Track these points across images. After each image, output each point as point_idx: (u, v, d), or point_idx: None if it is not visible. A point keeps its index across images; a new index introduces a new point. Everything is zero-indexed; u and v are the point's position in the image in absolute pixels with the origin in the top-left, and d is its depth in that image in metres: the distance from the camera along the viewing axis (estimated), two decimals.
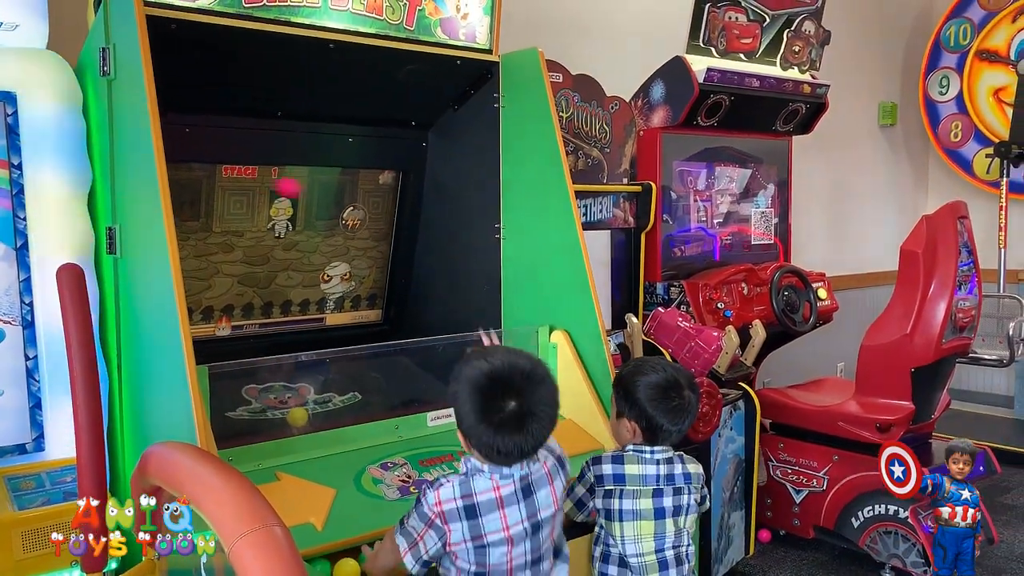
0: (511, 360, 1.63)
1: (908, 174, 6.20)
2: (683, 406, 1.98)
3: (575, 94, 3.33)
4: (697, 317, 3.49)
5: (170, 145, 1.86)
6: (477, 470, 1.64)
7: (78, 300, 1.43)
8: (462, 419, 1.63)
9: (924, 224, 3.21)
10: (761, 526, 3.61)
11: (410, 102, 2.75)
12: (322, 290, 2.93)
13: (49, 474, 1.85)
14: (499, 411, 1.57)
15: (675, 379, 1.99)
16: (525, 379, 1.61)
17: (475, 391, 1.60)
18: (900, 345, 3.19)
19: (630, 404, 1.99)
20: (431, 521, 1.61)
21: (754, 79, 3.73)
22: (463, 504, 1.60)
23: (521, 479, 1.65)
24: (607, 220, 3.49)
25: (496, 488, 1.62)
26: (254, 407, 2.38)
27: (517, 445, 1.59)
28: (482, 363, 1.62)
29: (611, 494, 1.95)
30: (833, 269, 4.64)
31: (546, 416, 1.62)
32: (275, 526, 1.20)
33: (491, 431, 1.57)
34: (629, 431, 2.01)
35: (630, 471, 1.96)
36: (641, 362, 2.13)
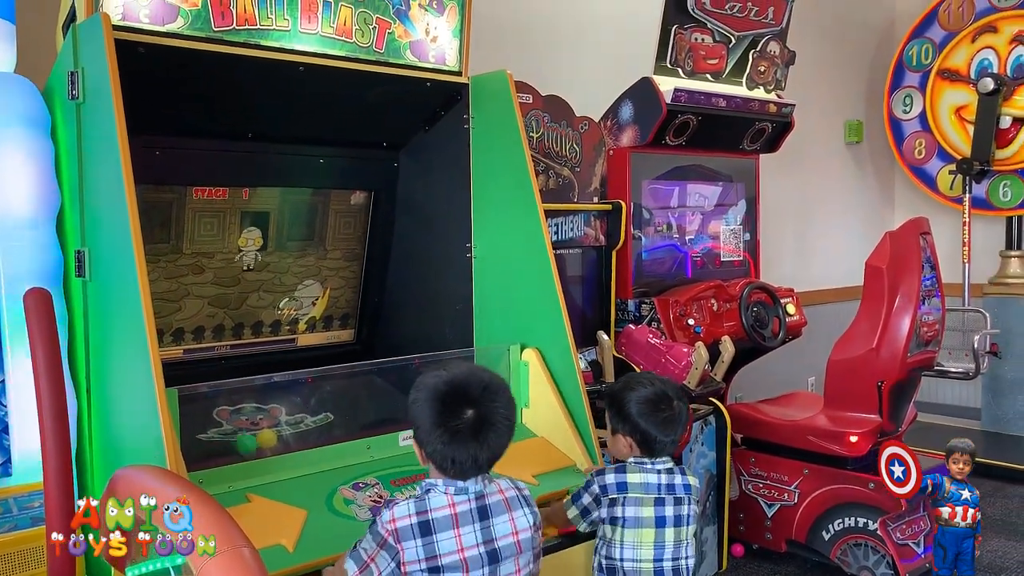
0: (470, 371, 1.69)
1: (875, 190, 6.31)
2: (673, 416, 2.05)
3: (545, 114, 3.37)
4: (668, 333, 3.53)
5: (140, 167, 1.87)
6: (432, 486, 1.64)
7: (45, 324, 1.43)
8: (418, 427, 1.64)
9: (888, 240, 3.28)
10: (734, 541, 3.63)
11: (381, 123, 2.77)
12: (292, 309, 2.93)
13: (16, 499, 1.83)
14: (456, 419, 1.58)
15: (663, 391, 2.07)
16: (483, 389, 1.63)
17: (434, 399, 1.61)
18: (867, 359, 3.24)
19: (623, 420, 2.07)
20: (384, 541, 1.57)
21: (721, 99, 3.79)
22: (418, 520, 1.58)
23: (477, 497, 1.63)
24: (578, 238, 3.53)
25: (451, 505, 1.61)
26: (225, 429, 2.38)
27: (472, 455, 1.59)
28: (442, 372, 1.66)
29: (615, 502, 2.00)
30: (802, 284, 4.71)
31: (503, 427, 1.63)
32: (244, 547, 1.21)
33: (446, 438, 1.58)
34: (626, 446, 2.08)
35: (632, 479, 2.02)
36: (629, 378, 2.18)
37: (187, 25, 2.11)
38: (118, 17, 2.00)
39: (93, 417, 1.98)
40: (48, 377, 1.42)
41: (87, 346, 1.98)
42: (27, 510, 1.78)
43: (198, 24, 2.13)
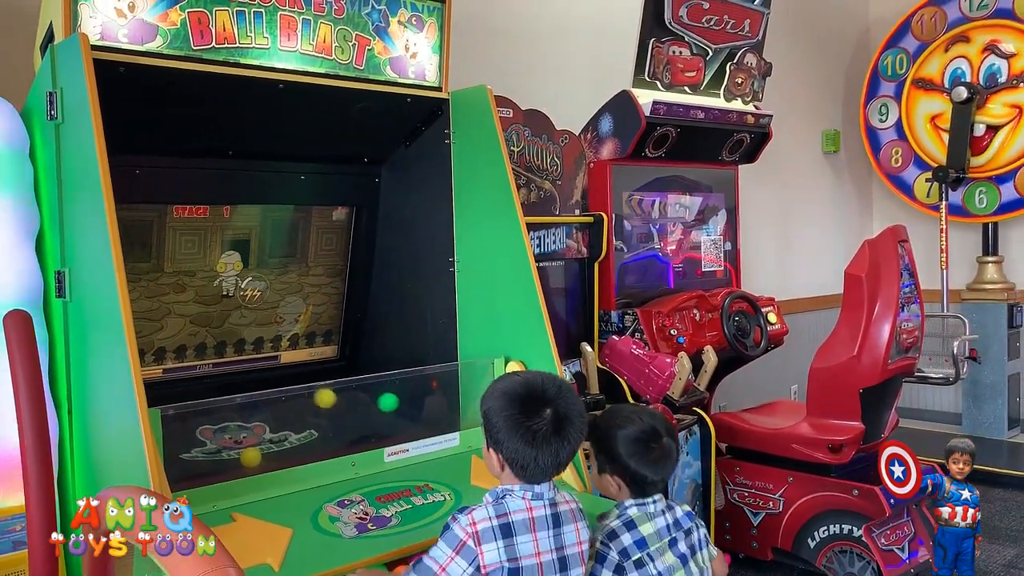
0: (541, 374, 1.73)
1: (853, 199, 6.37)
2: (664, 455, 1.93)
3: (526, 128, 3.39)
4: (651, 344, 3.55)
5: (120, 187, 1.87)
6: (508, 491, 1.65)
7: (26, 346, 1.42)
8: (498, 431, 1.64)
9: (866, 248, 3.31)
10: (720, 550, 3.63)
11: (362, 139, 2.77)
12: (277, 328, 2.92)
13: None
14: (537, 418, 1.61)
15: (652, 427, 1.94)
16: (557, 388, 1.67)
17: (512, 402, 1.63)
18: (848, 367, 3.27)
19: (611, 460, 1.93)
20: (462, 544, 1.56)
21: (699, 111, 3.83)
22: (499, 523, 1.58)
23: (551, 504, 1.66)
24: (561, 251, 3.54)
25: (529, 509, 1.63)
26: (208, 448, 2.36)
27: (554, 452, 1.61)
28: (515, 377, 1.70)
29: (642, 563, 1.84)
30: (782, 293, 4.75)
31: (580, 422, 1.67)
32: (230, 567, 1.20)
33: (529, 438, 1.60)
34: (614, 485, 1.95)
35: (646, 531, 1.87)
36: (614, 414, 2.04)
37: (166, 44, 2.11)
38: (96, 37, 1.99)
39: (75, 438, 1.96)
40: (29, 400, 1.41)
41: (68, 367, 1.97)
42: (8, 534, 1.76)
43: (177, 43, 2.13)
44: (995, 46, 5.44)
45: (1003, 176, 5.45)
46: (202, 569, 1.18)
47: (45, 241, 2.02)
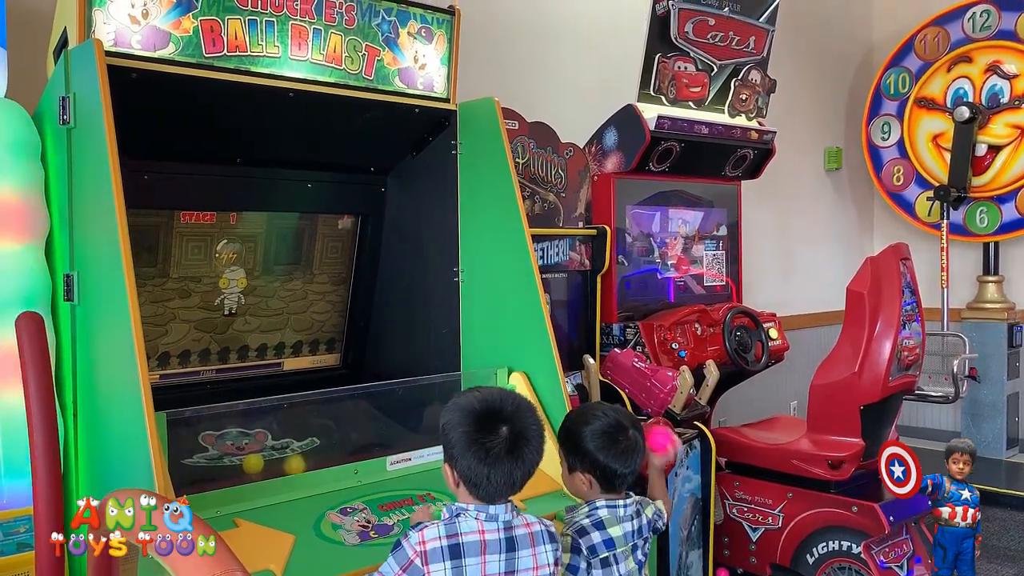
0: (500, 391, 1.71)
1: (854, 216, 6.39)
2: (631, 446, 1.98)
3: (531, 141, 3.41)
4: (652, 357, 3.56)
5: (128, 192, 1.87)
6: (462, 510, 1.64)
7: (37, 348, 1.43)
8: (452, 447, 1.63)
9: (868, 265, 3.32)
10: (719, 565, 3.63)
11: (369, 149, 2.79)
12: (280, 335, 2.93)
13: (2, 525, 1.82)
14: (493, 435, 1.60)
15: (618, 421, 1.99)
16: (515, 407, 1.66)
17: (468, 418, 1.63)
18: (848, 383, 3.27)
19: (580, 456, 1.98)
20: (409, 563, 1.57)
21: (703, 126, 3.85)
22: (448, 544, 1.58)
23: (506, 527, 1.64)
24: (563, 263, 3.55)
25: (481, 531, 1.61)
26: (211, 454, 2.37)
27: (507, 472, 1.60)
28: (474, 393, 1.68)
29: (608, 561, 1.92)
30: (783, 309, 4.75)
31: (536, 443, 1.66)
32: (237, 571, 1.21)
33: (482, 455, 1.59)
34: (585, 483, 1.99)
35: (614, 533, 1.94)
36: (580, 412, 2.10)
37: (178, 51, 2.13)
38: (110, 43, 2.01)
39: (80, 441, 1.97)
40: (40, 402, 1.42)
41: (74, 370, 1.98)
42: (13, 535, 1.77)
43: (189, 50, 2.15)
44: (998, 67, 5.48)
45: (1004, 196, 5.47)
46: (210, 573, 1.19)
47: (54, 244, 2.03)
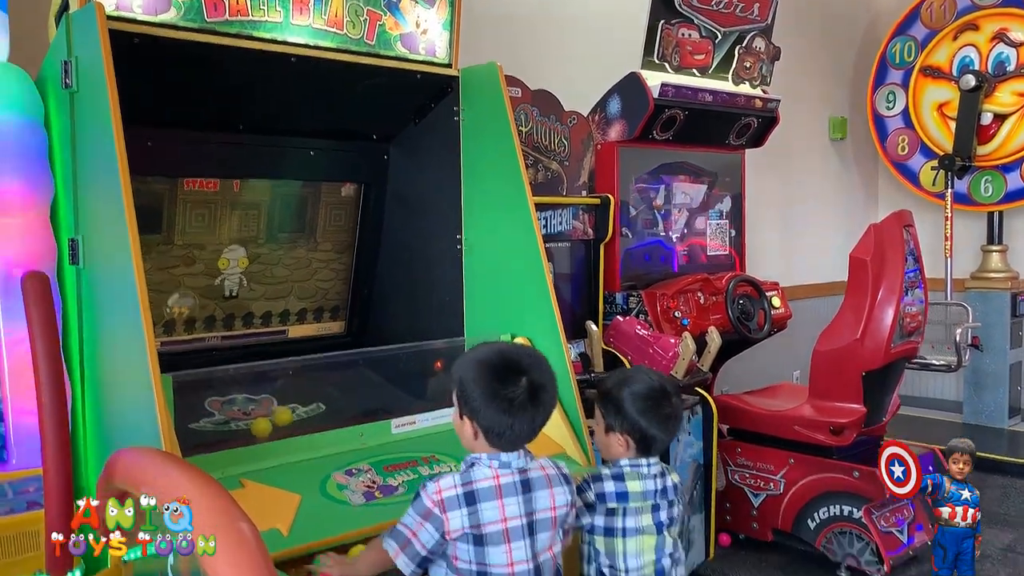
0: (512, 344, 1.80)
1: (858, 186, 6.37)
2: (674, 413, 1.98)
3: (534, 108, 3.40)
4: (655, 325, 3.57)
5: (131, 158, 1.88)
6: (476, 459, 1.68)
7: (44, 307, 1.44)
8: (472, 400, 1.65)
9: (872, 232, 3.33)
10: (721, 530, 3.67)
11: (372, 116, 2.79)
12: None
13: (12, 484, 1.84)
14: (513, 387, 1.62)
15: (663, 387, 1.98)
16: (532, 358, 1.71)
17: (488, 372, 1.65)
18: (851, 350, 3.29)
19: (621, 417, 1.96)
20: (429, 512, 1.61)
21: (707, 94, 3.84)
22: (463, 491, 1.61)
23: (520, 471, 1.67)
24: (567, 232, 3.56)
25: (496, 477, 1.65)
26: (217, 419, 2.39)
27: (530, 420, 1.64)
28: (489, 347, 1.72)
29: (614, 512, 1.92)
30: (787, 280, 4.76)
31: (552, 388, 1.69)
32: (242, 522, 1.23)
33: (505, 406, 1.62)
34: (621, 444, 1.97)
35: (632, 488, 1.93)
36: (625, 373, 2.10)
37: (180, 16, 2.12)
38: (111, 7, 2.00)
39: (87, 404, 1.99)
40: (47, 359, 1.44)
41: (81, 333, 1.99)
42: (23, 495, 1.79)
43: (191, 15, 2.14)
44: (1004, 34, 5.43)
45: (1009, 165, 5.45)
46: (215, 522, 1.21)
47: (59, 208, 2.04)
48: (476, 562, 1.60)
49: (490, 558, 1.60)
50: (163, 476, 1.33)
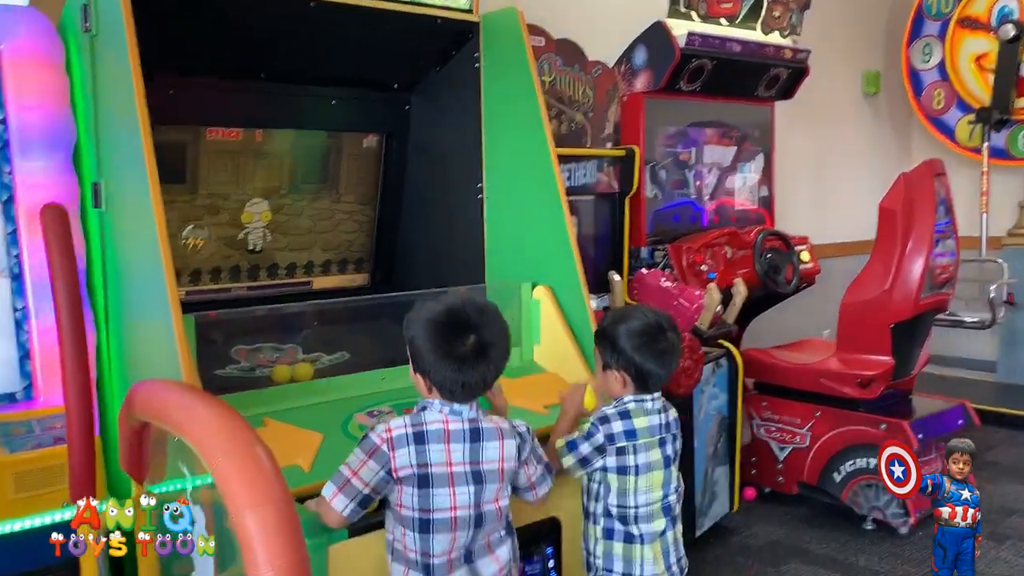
0: (461, 298, 1.71)
1: (892, 142, 6.24)
2: (669, 348, 1.98)
3: (557, 58, 3.36)
4: (681, 279, 3.54)
5: (154, 106, 1.89)
6: (428, 404, 1.68)
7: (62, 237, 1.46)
8: (422, 359, 1.65)
9: (902, 181, 3.26)
10: (746, 484, 3.67)
11: (392, 63, 2.77)
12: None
13: (39, 421, 1.89)
14: (461, 344, 1.62)
15: (657, 322, 1.98)
16: (480, 312, 1.67)
17: (434, 330, 1.64)
18: (879, 301, 3.24)
19: (616, 354, 1.96)
20: (375, 448, 1.60)
21: (735, 44, 3.77)
22: (412, 431, 1.62)
23: (471, 420, 1.67)
24: (591, 185, 3.52)
25: (445, 421, 1.64)
26: (243, 366, 2.42)
27: (481, 376, 1.63)
28: (436, 304, 1.68)
29: (624, 451, 1.92)
30: (818, 238, 4.68)
31: (502, 343, 1.68)
32: (256, 445, 1.24)
33: (455, 365, 1.61)
34: (619, 381, 1.98)
35: (639, 424, 1.94)
36: (620, 312, 2.10)
37: None
38: None
39: (112, 344, 2.03)
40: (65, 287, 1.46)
41: (104, 276, 2.02)
42: (50, 431, 1.83)
43: None
44: None
45: None
46: (229, 446, 1.22)
47: (82, 152, 2.06)
48: (419, 508, 1.59)
49: (434, 501, 1.60)
50: (180, 405, 1.35)
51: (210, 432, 1.26)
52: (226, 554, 1.58)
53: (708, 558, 3.22)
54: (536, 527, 2.00)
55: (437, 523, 1.61)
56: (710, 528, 3.29)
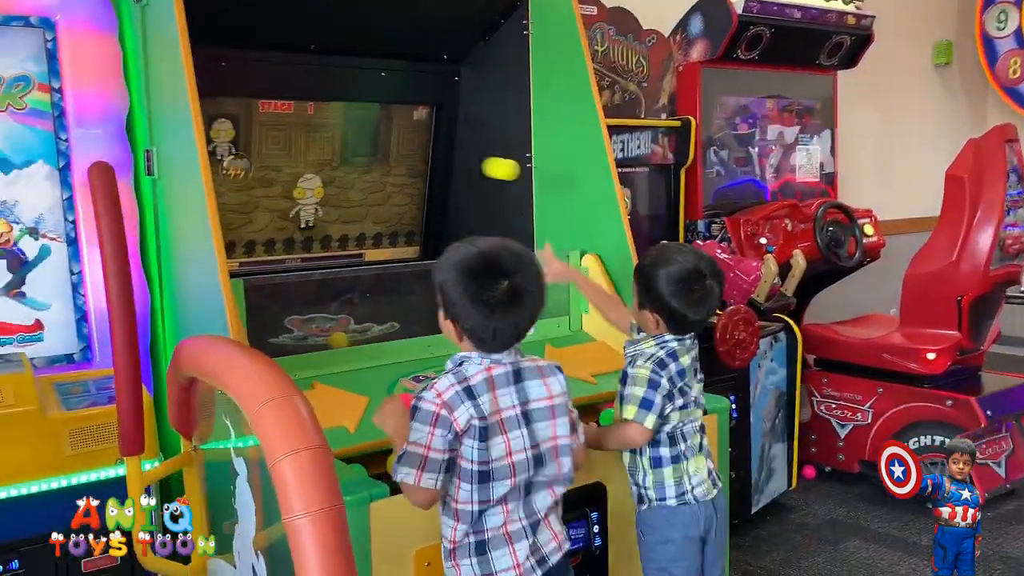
0: (498, 242, 1.62)
1: (965, 115, 6.00)
2: (705, 296, 1.91)
3: (610, 27, 3.31)
4: (738, 252, 3.46)
5: (206, 79, 1.91)
6: (465, 358, 1.62)
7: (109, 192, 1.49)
8: (453, 304, 1.58)
9: (970, 148, 3.14)
10: (806, 462, 3.59)
11: (441, 34, 2.76)
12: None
13: (95, 381, 1.94)
14: (494, 290, 1.54)
15: (696, 268, 1.91)
16: (515, 257, 1.59)
17: (466, 273, 1.56)
18: (946, 273, 3.13)
19: (651, 297, 1.92)
20: (436, 416, 1.55)
21: (795, 10, 3.65)
22: (461, 388, 1.56)
23: (511, 363, 1.62)
24: (645, 156, 3.47)
25: (488, 369, 1.59)
26: (296, 335, 2.46)
27: (512, 324, 1.57)
28: (470, 247, 1.60)
29: (683, 390, 1.92)
30: (885, 213, 4.53)
31: (537, 290, 1.60)
32: (295, 396, 1.25)
33: (487, 311, 1.54)
34: (652, 321, 1.94)
35: (684, 363, 1.93)
36: (661, 251, 2.02)
37: None
38: None
39: (165, 307, 2.07)
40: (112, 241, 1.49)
41: (158, 241, 2.07)
42: (105, 390, 1.89)
43: None
44: None
45: None
46: (268, 396, 1.23)
47: (134, 120, 2.10)
48: (479, 461, 1.55)
49: (492, 451, 1.55)
50: (222, 357, 1.37)
51: (249, 382, 1.28)
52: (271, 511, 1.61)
53: (764, 535, 3.16)
54: (581, 491, 1.98)
55: (496, 471, 1.56)
56: (767, 505, 3.23)
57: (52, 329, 2.01)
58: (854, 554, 3.06)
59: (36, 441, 1.77)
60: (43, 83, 1.98)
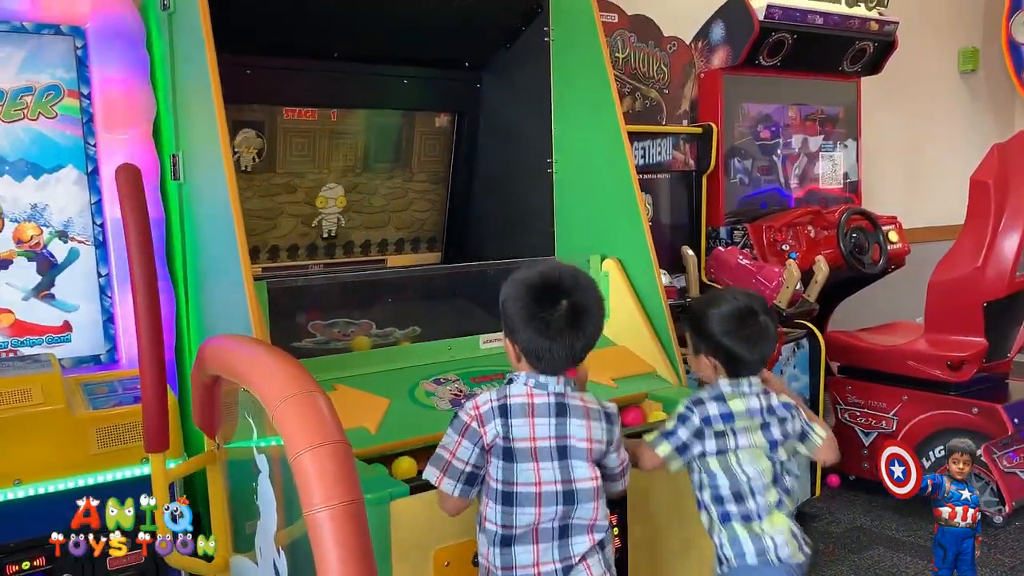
0: (559, 265, 1.67)
1: (991, 123, 5.94)
2: (760, 332, 1.86)
3: (631, 34, 3.32)
4: (760, 259, 3.45)
5: (231, 86, 1.94)
6: (514, 377, 1.65)
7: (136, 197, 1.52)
8: (511, 320, 1.62)
9: (995, 152, 3.11)
10: (830, 471, 3.55)
11: (463, 40, 2.79)
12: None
13: (121, 381, 1.97)
14: (552, 310, 1.58)
15: (748, 306, 1.87)
16: (574, 279, 1.63)
17: (527, 293, 1.60)
18: (971, 279, 3.10)
19: (705, 339, 1.89)
20: (466, 427, 1.58)
21: (817, 16, 3.65)
22: (497, 404, 1.59)
23: (556, 394, 1.62)
24: (667, 163, 3.46)
25: (530, 395, 1.60)
26: (319, 339, 2.49)
27: (568, 345, 1.58)
28: (531, 269, 1.64)
29: (723, 434, 1.83)
30: (910, 221, 4.49)
31: (596, 313, 1.62)
32: (316, 392, 1.27)
33: (542, 328, 1.57)
34: (710, 367, 1.90)
35: (736, 407, 1.84)
36: (713, 296, 2.02)
37: None
38: None
39: (191, 310, 2.10)
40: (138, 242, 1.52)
41: (183, 244, 2.10)
42: (131, 390, 1.91)
43: None
44: None
45: None
46: (289, 392, 1.25)
47: (161, 125, 2.14)
48: (503, 481, 1.56)
49: (518, 476, 1.56)
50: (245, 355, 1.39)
51: (272, 378, 1.29)
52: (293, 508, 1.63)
53: None
54: None
55: (520, 496, 1.57)
56: None
57: (80, 330, 2.05)
58: (878, 563, 3.02)
59: (64, 440, 1.80)
60: (72, 90, 2.03)
